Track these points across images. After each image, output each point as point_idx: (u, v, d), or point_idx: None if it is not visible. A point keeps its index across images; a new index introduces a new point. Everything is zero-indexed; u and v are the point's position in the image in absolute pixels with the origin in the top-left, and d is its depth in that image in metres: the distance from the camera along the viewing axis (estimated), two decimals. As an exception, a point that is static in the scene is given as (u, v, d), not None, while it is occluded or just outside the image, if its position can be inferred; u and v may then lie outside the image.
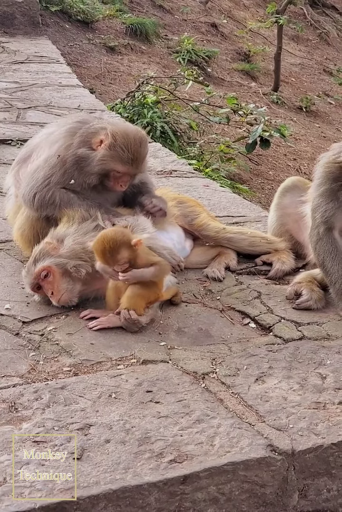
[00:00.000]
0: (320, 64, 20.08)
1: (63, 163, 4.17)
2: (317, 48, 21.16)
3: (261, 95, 15.75)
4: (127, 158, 4.11)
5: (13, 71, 10.06)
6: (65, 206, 4.15)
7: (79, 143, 4.17)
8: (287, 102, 16.39)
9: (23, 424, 2.91)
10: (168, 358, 3.46)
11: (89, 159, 4.13)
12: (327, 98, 17.66)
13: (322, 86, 18.55)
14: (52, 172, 4.17)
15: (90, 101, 8.73)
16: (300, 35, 20.89)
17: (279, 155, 13.03)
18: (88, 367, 3.39)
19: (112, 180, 4.17)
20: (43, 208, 4.20)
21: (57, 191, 4.15)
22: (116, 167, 4.12)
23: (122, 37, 15.00)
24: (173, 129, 9.32)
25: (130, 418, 2.97)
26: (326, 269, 3.97)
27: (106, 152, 4.10)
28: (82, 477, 2.61)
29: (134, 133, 4.22)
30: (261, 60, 18.20)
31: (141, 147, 4.19)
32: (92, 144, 4.16)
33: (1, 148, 6.65)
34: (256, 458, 2.76)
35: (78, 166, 4.15)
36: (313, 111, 16.45)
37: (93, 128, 4.23)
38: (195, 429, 2.91)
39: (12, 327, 3.71)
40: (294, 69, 19.04)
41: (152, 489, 2.61)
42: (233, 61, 17.50)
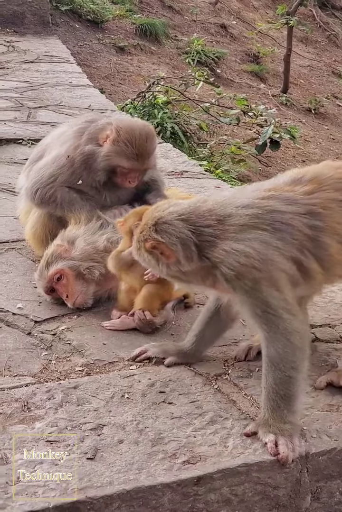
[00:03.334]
0: (329, 66, 20.06)
1: (72, 163, 4.18)
2: (326, 50, 21.14)
3: (270, 97, 15.75)
4: (131, 153, 4.08)
5: (23, 70, 10.08)
6: (67, 206, 4.16)
7: (87, 141, 4.18)
8: (296, 104, 16.38)
9: (36, 424, 2.91)
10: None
11: (95, 155, 4.13)
12: (336, 100, 17.65)
13: (330, 88, 18.54)
14: (60, 171, 4.18)
15: (100, 101, 8.73)
16: (309, 36, 20.88)
17: (288, 157, 13.03)
18: (101, 367, 3.39)
19: (119, 176, 4.16)
20: (44, 205, 4.22)
21: (59, 189, 4.16)
22: (121, 162, 4.10)
23: (132, 37, 15.03)
24: (183, 129, 9.33)
25: (143, 418, 2.97)
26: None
27: (110, 147, 4.09)
28: (95, 477, 2.61)
29: (140, 127, 4.17)
30: (270, 61, 18.20)
31: (147, 142, 4.14)
32: (99, 140, 4.16)
33: (13, 147, 6.67)
34: (270, 460, 2.75)
35: (87, 165, 4.16)
36: (321, 113, 16.44)
37: (100, 125, 4.22)
38: (208, 430, 2.91)
39: (24, 326, 3.72)
40: (303, 70, 19.03)
41: (166, 489, 2.61)
42: (242, 62, 17.51)
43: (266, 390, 2.92)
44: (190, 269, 3.05)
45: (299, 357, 2.92)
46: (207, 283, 3.10)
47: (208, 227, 3.02)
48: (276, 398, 2.88)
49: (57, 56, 11.22)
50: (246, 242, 2.94)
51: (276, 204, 3.04)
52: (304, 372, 2.94)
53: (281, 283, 2.95)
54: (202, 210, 3.08)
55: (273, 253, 2.94)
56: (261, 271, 2.91)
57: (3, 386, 3.17)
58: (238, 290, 2.97)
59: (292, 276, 3.00)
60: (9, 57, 10.88)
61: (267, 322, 2.92)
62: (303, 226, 3.02)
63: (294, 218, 3.02)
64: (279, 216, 3.01)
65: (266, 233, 2.98)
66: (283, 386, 2.88)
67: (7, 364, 3.37)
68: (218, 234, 3.00)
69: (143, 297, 3.71)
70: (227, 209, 3.05)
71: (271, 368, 2.91)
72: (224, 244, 2.97)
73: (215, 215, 3.04)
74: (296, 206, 3.05)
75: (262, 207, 3.02)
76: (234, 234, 2.97)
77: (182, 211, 3.08)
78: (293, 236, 3.00)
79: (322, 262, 3.07)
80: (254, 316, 2.96)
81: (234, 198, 3.13)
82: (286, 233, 2.99)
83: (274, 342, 2.91)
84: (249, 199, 3.07)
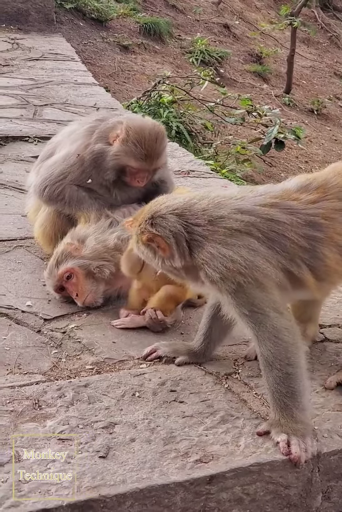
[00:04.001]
0: (331, 67, 20.09)
1: (82, 162, 4.18)
2: (328, 51, 21.16)
3: (273, 97, 15.76)
4: (140, 153, 4.06)
5: (28, 68, 10.08)
6: (75, 204, 4.16)
7: (97, 140, 4.17)
8: (299, 105, 16.40)
9: (47, 422, 2.91)
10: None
11: (105, 154, 4.12)
12: (338, 101, 17.66)
13: (332, 89, 18.57)
14: (70, 170, 4.18)
15: (106, 99, 8.72)
16: (311, 38, 20.91)
17: (291, 158, 13.04)
18: (111, 365, 3.39)
19: (129, 175, 4.16)
20: (52, 202, 4.22)
21: (68, 187, 4.16)
22: (129, 162, 4.10)
23: (136, 36, 15.04)
24: (188, 129, 9.33)
25: (155, 417, 2.97)
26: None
27: (120, 147, 4.09)
28: (108, 475, 2.61)
29: (150, 127, 4.14)
30: (272, 62, 18.22)
31: (157, 142, 4.12)
32: (109, 139, 4.15)
33: (19, 144, 6.67)
34: (282, 460, 2.75)
35: (96, 164, 4.15)
36: (324, 114, 16.47)
37: (111, 123, 4.21)
38: (220, 429, 2.91)
39: (34, 324, 3.72)
40: (305, 71, 19.05)
41: (178, 488, 2.61)
42: (245, 63, 17.53)
43: (270, 391, 2.92)
44: (182, 266, 3.09)
45: (292, 352, 2.92)
46: (199, 281, 3.12)
47: (197, 226, 3.05)
48: (281, 397, 2.88)
49: (62, 54, 11.22)
50: (235, 247, 2.96)
51: (276, 213, 3.04)
52: (303, 367, 2.94)
53: (266, 284, 2.96)
54: (196, 208, 3.09)
55: (259, 260, 2.95)
56: (245, 276, 2.92)
57: (14, 384, 3.17)
58: (223, 292, 2.98)
59: (278, 282, 3.01)
60: (14, 54, 10.87)
61: (255, 321, 2.94)
62: (299, 238, 3.03)
63: (291, 230, 3.02)
64: (275, 226, 3.02)
65: (257, 241, 2.99)
66: (284, 384, 2.88)
67: (17, 361, 3.37)
68: (206, 235, 3.02)
69: (160, 297, 3.70)
70: (221, 210, 3.05)
71: (268, 367, 2.92)
72: (211, 246, 2.98)
73: (206, 215, 3.05)
74: (296, 216, 3.06)
75: (261, 215, 3.03)
76: (224, 237, 2.98)
77: (176, 206, 3.11)
78: (285, 247, 3.01)
79: (317, 272, 3.08)
80: (241, 316, 2.97)
81: (235, 199, 3.12)
82: (278, 243, 3.01)
83: (264, 340, 2.92)
84: (251, 205, 3.07)
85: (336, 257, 3.09)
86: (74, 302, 3.91)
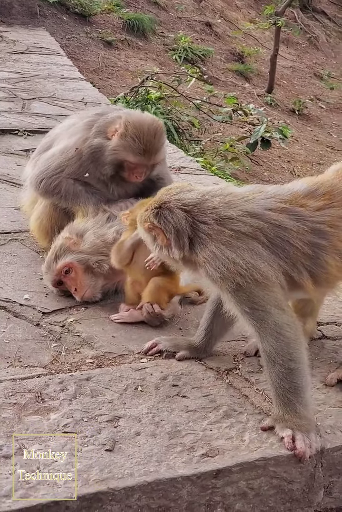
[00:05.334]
0: (310, 68, 20.20)
1: (80, 156, 4.17)
2: (307, 52, 21.26)
3: (255, 96, 15.80)
4: (138, 148, 4.06)
5: (14, 61, 10.02)
6: (71, 198, 4.15)
7: (96, 134, 4.16)
8: (280, 105, 16.46)
9: (51, 415, 2.91)
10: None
11: (103, 149, 4.12)
12: (319, 102, 17.77)
13: (312, 90, 18.67)
14: (67, 163, 4.17)
15: (93, 94, 8.70)
16: (290, 38, 21.00)
17: (274, 157, 13.08)
18: (111, 359, 3.39)
19: (127, 170, 4.15)
20: (48, 195, 4.21)
21: (64, 181, 4.15)
22: (128, 157, 4.09)
23: (120, 32, 15.00)
24: (175, 126, 9.34)
25: (158, 411, 2.97)
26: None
27: (118, 141, 4.08)
28: (116, 468, 2.61)
29: (149, 123, 4.14)
30: (253, 61, 18.26)
31: (156, 137, 4.12)
32: (107, 133, 4.15)
33: (9, 138, 6.63)
34: (286, 455, 2.78)
35: (94, 158, 4.15)
36: (305, 115, 16.55)
37: (110, 118, 4.21)
38: (224, 424, 2.93)
39: (32, 317, 3.71)
40: (286, 71, 19.13)
41: (185, 482, 2.62)
42: (227, 61, 17.55)
43: (273, 387, 2.94)
44: (180, 258, 3.11)
45: (295, 348, 2.94)
46: (197, 274, 3.16)
47: (204, 224, 3.06)
48: (284, 393, 2.90)
49: (47, 48, 11.16)
50: (239, 250, 2.98)
51: (284, 220, 3.06)
52: (305, 363, 2.96)
53: (267, 283, 2.98)
54: (206, 206, 3.10)
55: (261, 263, 2.98)
56: (244, 277, 2.95)
57: (15, 377, 3.16)
58: (224, 290, 3.01)
59: (278, 283, 3.04)
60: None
61: (256, 318, 2.96)
62: (303, 245, 3.05)
63: (296, 237, 3.05)
64: (281, 233, 3.04)
65: (261, 246, 3.01)
66: (287, 379, 2.90)
67: (17, 354, 3.36)
68: (210, 234, 3.03)
69: (150, 290, 3.71)
70: (230, 211, 3.07)
71: (271, 363, 2.94)
72: (215, 246, 3.00)
73: (215, 214, 3.06)
74: (303, 223, 3.08)
75: (269, 221, 3.05)
76: (229, 239, 3.00)
77: (187, 201, 3.12)
78: (288, 254, 3.04)
79: (317, 278, 3.11)
80: (243, 313, 2.99)
81: (246, 200, 3.13)
82: (281, 249, 3.03)
83: (266, 336, 2.94)
84: (261, 208, 3.08)
85: (338, 264, 3.12)
86: (72, 296, 3.90)
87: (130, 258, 3.73)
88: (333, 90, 18.44)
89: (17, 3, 13.31)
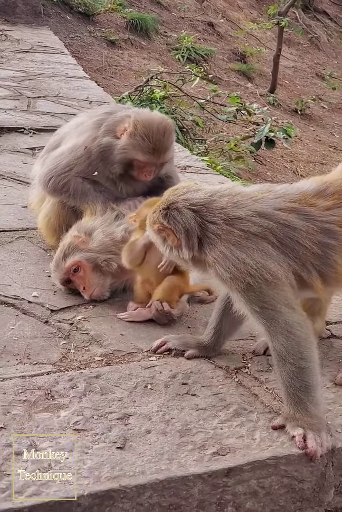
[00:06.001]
0: (312, 68, 20.21)
1: (89, 155, 4.16)
2: (308, 53, 21.27)
3: (258, 96, 15.80)
4: (147, 147, 4.05)
5: (18, 59, 10.02)
6: (79, 196, 4.14)
7: (105, 133, 4.16)
8: (283, 104, 16.47)
9: (61, 412, 2.90)
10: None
11: (112, 147, 4.11)
12: (320, 102, 17.77)
13: (314, 90, 18.68)
14: (76, 162, 4.17)
15: (98, 93, 8.70)
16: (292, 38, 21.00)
17: (276, 157, 13.09)
18: (120, 357, 3.39)
19: (136, 169, 4.15)
20: (56, 193, 4.20)
21: (73, 179, 4.15)
22: (137, 156, 4.09)
23: (123, 31, 15.00)
24: (179, 125, 9.34)
25: (168, 409, 2.97)
26: None
27: (127, 140, 4.07)
28: (127, 466, 2.61)
29: (158, 121, 4.13)
30: (255, 61, 18.27)
31: (165, 136, 4.11)
32: (116, 132, 4.14)
33: (14, 136, 6.62)
34: (298, 454, 2.77)
35: (103, 157, 4.14)
36: (307, 114, 16.55)
37: (119, 117, 4.20)
38: (234, 422, 2.92)
39: (41, 314, 3.70)
40: (288, 71, 19.14)
41: (197, 480, 2.61)
42: (229, 61, 17.56)
43: (284, 386, 2.94)
44: (189, 258, 3.11)
45: (305, 346, 2.93)
46: (206, 273, 3.16)
47: (212, 224, 3.05)
48: (295, 392, 2.90)
49: (51, 47, 11.16)
50: (249, 251, 2.97)
51: (294, 220, 3.06)
52: (315, 362, 2.95)
53: (277, 282, 2.98)
54: (214, 206, 3.10)
55: (271, 263, 2.97)
56: (254, 277, 2.94)
57: (25, 374, 3.16)
58: (233, 290, 3.01)
59: (288, 282, 3.04)
60: (3, 46, 10.80)
61: (266, 317, 2.95)
62: (313, 245, 3.05)
63: (306, 237, 3.04)
64: (291, 233, 3.03)
65: (271, 246, 3.01)
66: (298, 378, 2.89)
67: (26, 352, 3.36)
68: (219, 234, 3.03)
69: (164, 288, 3.70)
70: (239, 211, 3.06)
71: (281, 362, 2.93)
72: (224, 246, 3.00)
73: (224, 214, 3.06)
74: (312, 223, 3.07)
75: (279, 221, 3.04)
76: (239, 239, 3.00)
77: (195, 201, 3.11)
78: (298, 254, 3.03)
79: (326, 278, 3.11)
80: (252, 312, 2.99)
81: (254, 200, 3.12)
82: (291, 249, 3.03)
83: (277, 335, 2.94)
84: (270, 208, 3.08)
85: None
86: (80, 293, 3.90)
87: (142, 258, 3.73)
88: (335, 90, 18.46)
89: (21, 2, 13.31)
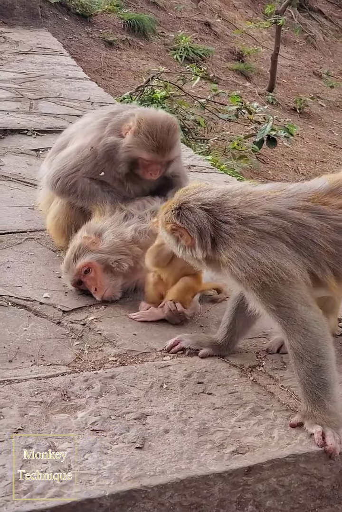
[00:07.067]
0: (309, 67, 20.20)
1: (95, 155, 4.16)
2: (304, 51, 21.26)
3: (257, 95, 15.79)
4: (151, 145, 4.05)
5: (18, 61, 9.99)
6: (87, 197, 4.14)
7: (110, 132, 4.16)
8: (281, 103, 16.46)
9: (78, 413, 2.89)
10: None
11: (117, 146, 4.11)
12: (319, 100, 17.78)
13: (312, 88, 18.67)
14: (83, 162, 4.16)
15: (99, 94, 8.68)
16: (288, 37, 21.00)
17: (277, 155, 13.08)
18: (134, 357, 3.38)
19: (141, 168, 4.14)
20: (64, 194, 4.21)
21: (81, 180, 4.14)
22: (141, 154, 4.09)
23: (120, 32, 14.97)
24: (181, 125, 9.32)
25: (185, 408, 2.96)
26: None
27: (131, 139, 4.08)
28: (147, 466, 2.60)
29: (162, 120, 4.13)
30: (252, 60, 18.27)
31: (169, 134, 4.10)
32: (121, 131, 4.14)
33: (18, 137, 6.60)
34: (317, 451, 2.77)
35: (109, 157, 4.14)
36: (306, 113, 16.55)
37: (124, 116, 4.21)
38: (252, 421, 2.92)
39: (53, 316, 3.70)
40: (285, 70, 19.13)
41: (217, 479, 2.61)
42: (227, 61, 17.55)
43: (301, 384, 2.93)
44: (203, 258, 3.11)
45: (322, 344, 2.93)
46: (220, 273, 3.15)
47: (225, 223, 3.06)
48: (313, 389, 2.89)
49: (50, 49, 11.14)
50: (263, 250, 2.98)
51: (308, 219, 3.06)
52: (332, 359, 2.95)
53: (292, 281, 2.98)
54: (226, 205, 3.10)
55: (286, 262, 2.98)
56: (270, 276, 2.95)
57: (40, 375, 3.15)
58: (249, 289, 3.01)
59: (304, 280, 3.03)
60: (2, 48, 10.77)
61: (283, 316, 2.95)
62: (327, 243, 3.05)
63: (320, 236, 3.04)
64: (305, 232, 3.04)
65: (286, 245, 3.01)
66: (315, 376, 2.89)
67: (40, 353, 3.35)
68: (233, 234, 3.03)
69: (179, 289, 3.70)
70: (252, 210, 3.06)
71: (298, 360, 2.93)
72: (238, 246, 3.00)
73: (236, 213, 3.06)
74: (326, 221, 3.07)
75: (293, 219, 3.05)
76: (253, 238, 3.00)
77: (207, 201, 3.12)
78: (312, 252, 3.04)
79: (340, 276, 3.11)
80: (268, 311, 2.99)
81: (267, 199, 3.12)
82: (305, 248, 3.03)
83: (293, 333, 2.93)
84: (284, 207, 3.08)
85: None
86: (91, 294, 3.89)
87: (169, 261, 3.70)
88: (333, 89, 18.46)
89: (19, 4, 13.26)
